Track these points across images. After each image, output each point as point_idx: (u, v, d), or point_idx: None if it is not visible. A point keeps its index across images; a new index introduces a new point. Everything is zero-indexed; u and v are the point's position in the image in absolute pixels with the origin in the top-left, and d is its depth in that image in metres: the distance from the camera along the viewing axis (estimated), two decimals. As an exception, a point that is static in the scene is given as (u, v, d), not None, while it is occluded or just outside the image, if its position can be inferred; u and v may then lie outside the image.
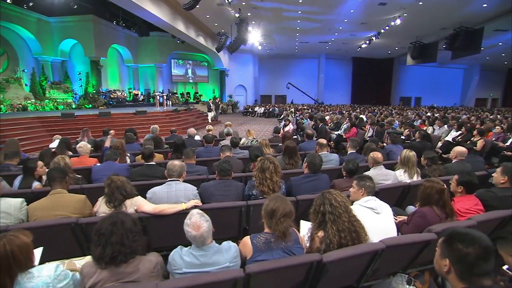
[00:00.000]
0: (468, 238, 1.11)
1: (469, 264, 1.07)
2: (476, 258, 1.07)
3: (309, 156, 2.74)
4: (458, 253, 1.11)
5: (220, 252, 1.53)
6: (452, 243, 1.14)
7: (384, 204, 2.13)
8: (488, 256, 1.07)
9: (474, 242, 1.09)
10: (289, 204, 1.65)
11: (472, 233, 1.12)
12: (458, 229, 1.17)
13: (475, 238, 1.10)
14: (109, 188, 2.15)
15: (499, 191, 2.47)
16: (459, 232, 1.14)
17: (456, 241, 1.13)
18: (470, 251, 1.08)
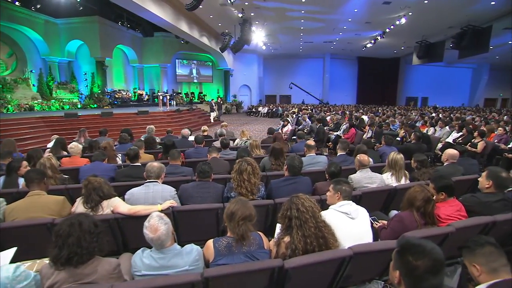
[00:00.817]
0: (419, 251, 1.07)
1: (417, 277, 1.04)
2: (425, 272, 1.04)
3: (289, 159, 2.72)
4: (407, 265, 1.07)
5: (180, 255, 1.54)
6: (403, 254, 1.11)
7: (361, 209, 2.10)
8: (437, 270, 1.04)
9: (424, 255, 1.05)
10: (249, 208, 1.65)
11: (424, 245, 1.08)
12: (411, 240, 1.14)
13: (426, 250, 1.06)
14: (86, 189, 2.19)
15: (483, 196, 2.41)
16: (412, 244, 1.11)
17: (407, 252, 1.10)
18: (419, 264, 1.04)
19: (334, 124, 9.50)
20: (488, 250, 1.27)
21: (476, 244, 1.31)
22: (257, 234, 1.72)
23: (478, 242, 1.31)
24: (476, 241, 1.32)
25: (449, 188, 2.24)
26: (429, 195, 2.05)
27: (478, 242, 1.31)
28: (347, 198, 2.08)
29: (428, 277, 1.02)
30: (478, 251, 1.29)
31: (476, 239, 1.33)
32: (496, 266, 1.23)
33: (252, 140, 4.37)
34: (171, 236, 1.56)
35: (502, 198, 2.36)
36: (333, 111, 15.86)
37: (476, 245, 1.30)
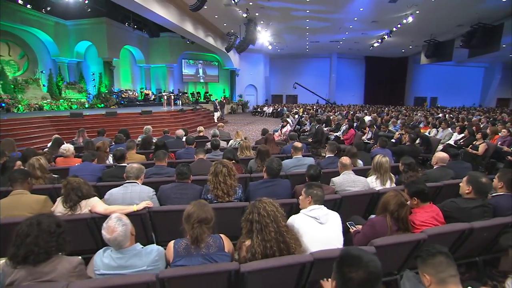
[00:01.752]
0: (355, 263, 1.06)
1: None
2: (358, 285, 1.03)
3: (268, 161, 2.73)
4: (342, 277, 1.07)
5: (139, 256, 1.58)
6: (340, 265, 1.10)
7: (332, 214, 2.08)
8: (371, 283, 1.03)
9: (359, 268, 1.04)
10: (207, 211, 1.67)
11: (362, 257, 1.07)
12: (351, 251, 1.13)
13: (362, 263, 1.05)
14: (65, 189, 2.26)
15: (463, 202, 2.36)
16: (350, 255, 1.10)
17: (344, 264, 1.09)
18: (353, 276, 1.03)
19: (334, 124, 9.42)
20: (438, 260, 1.25)
21: (427, 253, 1.28)
22: (218, 236, 1.74)
23: (429, 252, 1.28)
24: (428, 251, 1.29)
25: (421, 194, 2.20)
26: (403, 200, 2.02)
27: (429, 251, 1.29)
28: (318, 202, 2.07)
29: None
30: (429, 261, 1.27)
31: (428, 249, 1.31)
32: (445, 277, 1.21)
33: (242, 141, 4.39)
34: (130, 237, 1.60)
35: (481, 204, 2.31)
36: (337, 112, 15.69)
37: (427, 255, 1.28)
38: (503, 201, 2.45)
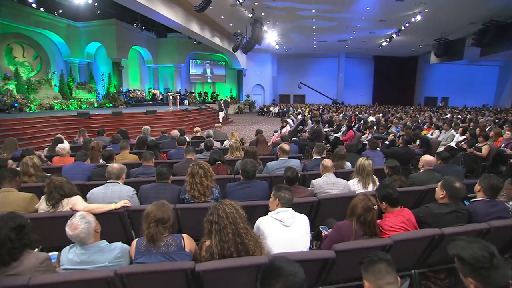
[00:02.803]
0: (276, 274, 1.07)
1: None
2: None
3: (242, 163, 2.78)
4: (262, 287, 1.08)
5: (102, 252, 1.67)
6: (263, 276, 1.11)
7: (300, 216, 2.10)
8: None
9: (278, 280, 1.05)
10: (165, 212, 1.73)
11: (283, 268, 1.08)
12: (275, 261, 1.14)
13: (282, 275, 1.06)
14: (48, 187, 2.38)
15: (436, 207, 2.33)
16: (272, 265, 1.11)
17: (266, 274, 1.10)
18: (273, 286, 1.05)
19: (336, 125, 9.36)
20: (378, 268, 1.24)
21: (368, 261, 1.28)
22: (179, 236, 1.81)
23: (370, 259, 1.28)
24: (370, 258, 1.29)
25: (389, 198, 2.19)
26: (370, 204, 2.01)
27: (371, 259, 1.28)
28: (286, 205, 2.10)
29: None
30: (369, 268, 1.27)
31: (371, 256, 1.30)
32: (382, 284, 1.21)
33: (233, 142, 4.45)
34: (94, 234, 1.68)
35: (455, 210, 2.28)
36: (343, 112, 15.54)
37: (368, 262, 1.28)
38: (480, 207, 2.41)
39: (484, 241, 1.27)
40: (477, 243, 1.23)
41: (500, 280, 1.15)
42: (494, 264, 1.16)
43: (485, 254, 1.17)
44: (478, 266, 1.17)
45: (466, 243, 1.26)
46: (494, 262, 1.16)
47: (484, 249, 1.19)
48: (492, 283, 1.16)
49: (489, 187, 2.41)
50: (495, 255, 1.18)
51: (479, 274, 1.17)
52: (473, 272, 1.20)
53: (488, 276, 1.16)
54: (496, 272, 1.16)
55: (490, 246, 1.21)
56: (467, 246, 1.24)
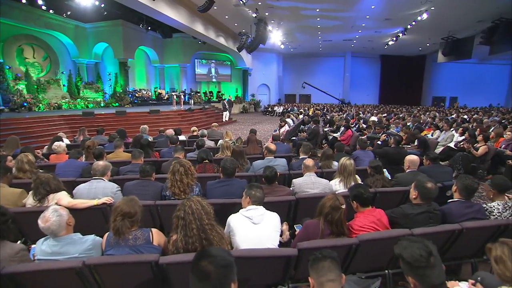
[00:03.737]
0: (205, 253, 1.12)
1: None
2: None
3: (222, 161, 2.84)
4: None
5: (73, 244, 1.77)
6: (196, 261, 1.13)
7: (270, 214, 2.14)
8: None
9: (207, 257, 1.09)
10: (132, 207, 1.81)
11: (214, 252, 1.12)
12: (211, 249, 1.18)
13: (217, 257, 1.09)
14: (34, 183, 2.50)
15: (408, 208, 2.34)
16: (208, 251, 1.15)
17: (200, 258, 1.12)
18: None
19: (336, 125, 9.34)
20: (321, 265, 1.28)
21: (314, 258, 1.32)
22: (148, 230, 1.89)
23: (316, 256, 1.32)
24: (315, 255, 1.32)
25: (359, 198, 2.21)
26: (337, 204, 2.03)
27: (316, 256, 1.32)
28: (257, 203, 2.15)
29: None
30: (313, 265, 1.31)
31: (317, 253, 1.34)
32: (323, 281, 1.25)
33: (224, 141, 4.53)
34: (66, 227, 1.78)
35: (426, 210, 2.28)
36: (346, 112, 15.43)
37: (313, 259, 1.32)
38: (455, 208, 2.41)
39: (426, 241, 1.30)
40: (418, 243, 1.26)
41: (435, 279, 1.19)
42: (430, 263, 1.19)
43: (423, 253, 1.20)
44: (416, 265, 1.20)
45: (408, 243, 1.29)
46: (431, 261, 1.20)
47: (423, 248, 1.22)
48: (427, 281, 1.19)
49: (464, 188, 2.41)
50: (433, 254, 1.21)
51: (416, 273, 1.21)
52: (411, 271, 1.24)
53: (424, 274, 1.19)
54: (431, 271, 1.19)
55: (430, 246, 1.24)
56: (408, 246, 1.27)
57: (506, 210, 2.51)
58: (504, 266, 1.42)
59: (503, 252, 1.45)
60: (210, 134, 6.36)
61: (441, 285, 1.20)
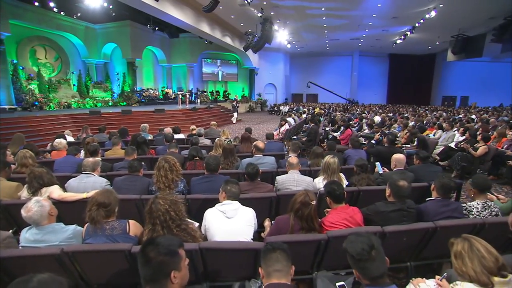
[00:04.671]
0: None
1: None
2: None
3: (206, 158, 2.94)
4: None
5: (54, 233, 1.90)
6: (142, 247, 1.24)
7: (244, 209, 2.23)
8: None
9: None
10: (108, 197, 1.92)
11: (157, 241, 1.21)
12: (159, 238, 1.26)
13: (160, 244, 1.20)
14: (29, 177, 2.67)
15: (382, 205, 2.37)
16: (155, 239, 1.24)
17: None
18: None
19: (337, 125, 9.32)
20: (269, 256, 1.36)
21: (265, 249, 1.40)
22: (125, 221, 2.00)
23: (267, 248, 1.39)
24: (266, 247, 1.40)
25: (332, 194, 2.26)
26: (307, 200, 2.08)
27: (267, 247, 1.40)
28: (232, 198, 2.24)
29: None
30: (264, 256, 1.38)
31: (267, 245, 1.41)
32: (270, 271, 1.33)
33: (218, 139, 4.63)
34: (48, 217, 1.91)
35: (399, 208, 2.31)
36: (351, 112, 15.32)
37: (264, 251, 1.40)
38: (431, 206, 2.43)
39: (372, 236, 1.35)
40: (363, 238, 1.32)
41: (374, 271, 1.25)
42: (371, 257, 1.25)
43: (365, 247, 1.26)
44: (358, 258, 1.27)
45: (355, 237, 1.35)
46: (372, 255, 1.25)
47: (366, 243, 1.28)
48: (368, 273, 1.25)
49: (440, 186, 2.43)
50: (375, 248, 1.27)
51: (359, 266, 1.28)
52: (355, 264, 1.30)
53: (365, 267, 1.26)
54: (372, 264, 1.25)
55: (373, 240, 1.30)
56: (354, 240, 1.33)
57: (485, 209, 2.51)
58: (462, 262, 1.46)
59: (463, 247, 1.49)
60: (208, 133, 6.49)
61: (381, 276, 1.25)
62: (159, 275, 1.15)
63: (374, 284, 1.25)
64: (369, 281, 1.26)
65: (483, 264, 1.39)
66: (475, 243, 1.47)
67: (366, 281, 1.27)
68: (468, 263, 1.42)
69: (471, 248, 1.45)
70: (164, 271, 1.15)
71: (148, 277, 1.15)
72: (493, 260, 1.39)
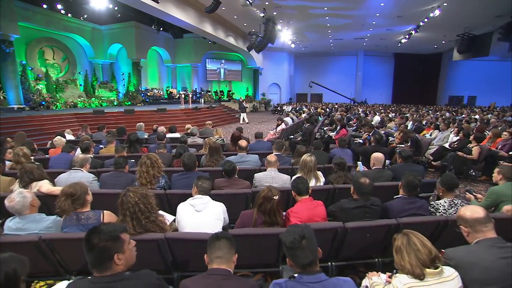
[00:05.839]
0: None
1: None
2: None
3: (182, 156, 3.09)
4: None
5: (35, 222, 2.07)
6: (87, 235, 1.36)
7: (214, 203, 2.36)
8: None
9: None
10: (76, 189, 2.07)
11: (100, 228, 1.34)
12: (102, 226, 1.38)
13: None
14: (20, 172, 2.86)
15: (347, 202, 2.46)
16: (98, 227, 1.37)
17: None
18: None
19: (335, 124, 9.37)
20: (213, 244, 1.48)
21: (211, 238, 1.52)
22: (100, 212, 2.17)
23: (212, 237, 1.52)
24: (212, 236, 1.53)
25: (295, 187, 2.37)
26: (269, 195, 2.19)
27: (213, 236, 1.52)
28: (203, 193, 2.38)
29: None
30: (209, 243, 1.51)
31: (213, 234, 1.54)
32: (212, 257, 1.46)
33: (207, 138, 4.78)
34: (30, 207, 2.08)
35: (362, 205, 2.39)
36: (352, 112, 15.28)
37: (210, 239, 1.52)
38: (397, 204, 2.51)
39: (306, 227, 1.46)
40: (297, 229, 1.43)
41: (303, 259, 1.36)
42: (301, 246, 1.36)
43: (296, 237, 1.37)
44: (289, 247, 1.38)
45: (291, 228, 1.47)
46: (302, 244, 1.36)
47: (298, 233, 1.39)
48: (297, 261, 1.37)
49: (406, 184, 2.51)
50: (306, 238, 1.38)
51: (290, 253, 1.40)
52: (287, 252, 1.42)
53: (295, 255, 1.37)
54: (302, 252, 1.36)
55: (305, 231, 1.40)
56: (289, 230, 1.45)
57: (452, 207, 2.57)
58: (401, 256, 1.56)
59: (402, 242, 1.58)
60: (203, 132, 6.66)
61: (309, 264, 1.36)
62: (103, 259, 1.29)
63: (303, 271, 1.36)
64: (300, 269, 1.37)
65: (418, 257, 1.48)
66: (412, 237, 1.56)
67: (298, 269, 1.38)
68: (405, 257, 1.51)
69: (409, 242, 1.54)
70: (107, 254, 1.29)
71: (93, 261, 1.29)
72: (426, 253, 1.49)
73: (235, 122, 16.30)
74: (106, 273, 1.30)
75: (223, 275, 1.40)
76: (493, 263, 1.54)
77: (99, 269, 1.29)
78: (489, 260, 1.56)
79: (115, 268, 1.30)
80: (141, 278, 1.37)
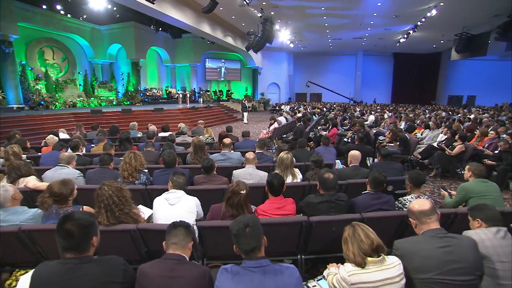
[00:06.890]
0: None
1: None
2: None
3: (162, 154, 3.22)
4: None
5: (16, 214, 2.20)
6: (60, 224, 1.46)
7: (187, 198, 2.48)
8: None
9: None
10: (61, 188, 2.20)
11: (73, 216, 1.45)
12: (75, 213, 1.49)
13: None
14: (8, 168, 3.01)
15: (313, 197, 2.55)
16: (71, 215, 1.47)
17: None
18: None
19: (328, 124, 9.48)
20: (170, 231, 1.60)
21: (169, 226, 1.64)
22: (79, 206, 2.30)
23: (169, 225, 1.64)
24: (171, 224, 1.65)
25: (270, 185, 2.48)
26: (237, 189, 2.28)
27: (170, 225, 1.64)
28: (177, 187, 2.51)
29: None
30: (167, 231, 1.62)
31: (171, 223, 1.66)
32: (169, 244, 1.58)
33: (195, 137, 4.91)
34: (12, 200, 2.22)
35: (327, 200, 2.50)
36: (348, 112, 15.36)
37: (169, 226, 1.64)
38: (362, 199, 2.61)
39: (254, 218, 1.57)
40: (243, 218, 1.54)
41: (245, 246, 1.47)
42: (244, 233, 1.47)
43: (241, 226, 1.49)
44: (234, 234, 1.50)
45: (239, 218, 1.57)
46: (246, 232, 1.48)
47: (243, 222, 1.50)
48: (241, 247, 1.49)
49: (372, 180, 2.62)
50: (250, 226, 1.49)
51: (234, 240, 1.51)
52: (233, 239, 1.53)
53: (239, 241, 1.49)
54: (244, 239, 1.47)
55: (250, 221, 1.51)
56: (237, 220, 1.55)
57: (418, 203, 2.68)
58: (347, 247, 1.68)
59: (348, 233, 1.71)
60: (195, 131, 6.79)
61: (252, 251, 1.47)
62: (84, 243, 1.41)
63: (247, 257, 1.48)
64: (244, 254, 1.49)
65: (360, 247, 1.61)
66: (358, 229, 1.68)
67: (242, 254, 1.50)
68: (350, 247, 1.64)
69: (354, 233, 1.67)
70: (87, 239, 1.42)
71: (72, 246, 1.39)
72: (369, 243, 1.61)
73: (233, 122, 16.42)
74: (84, 254, 1.41)
75: (177, 259, 1.52)
76: (431, 252, 1.66)
77: (78, 251, 1.40)
78: (428, 249, 1.67)
79: (91, 249, 1.44)
80: (107, 262, 1.48)
